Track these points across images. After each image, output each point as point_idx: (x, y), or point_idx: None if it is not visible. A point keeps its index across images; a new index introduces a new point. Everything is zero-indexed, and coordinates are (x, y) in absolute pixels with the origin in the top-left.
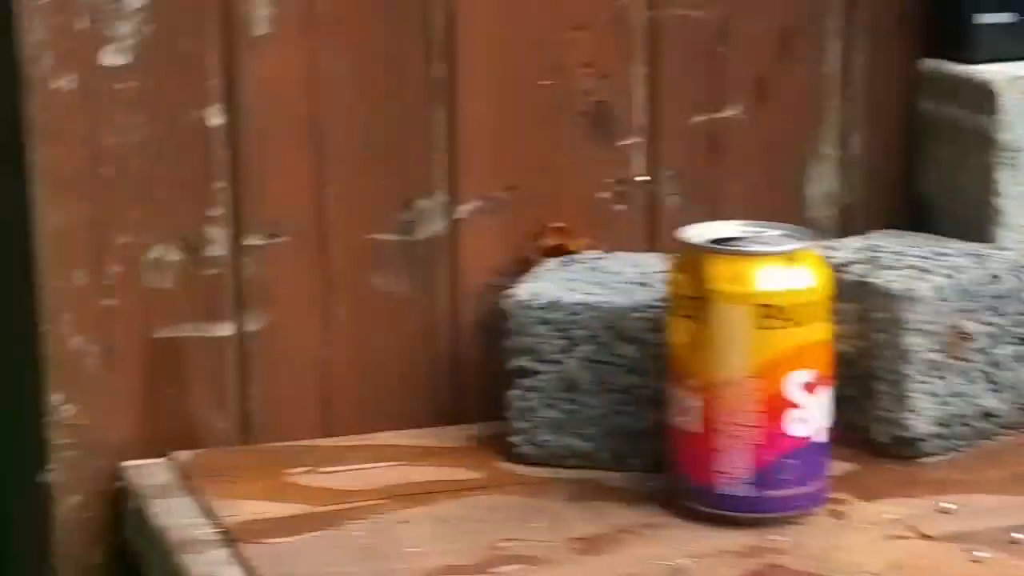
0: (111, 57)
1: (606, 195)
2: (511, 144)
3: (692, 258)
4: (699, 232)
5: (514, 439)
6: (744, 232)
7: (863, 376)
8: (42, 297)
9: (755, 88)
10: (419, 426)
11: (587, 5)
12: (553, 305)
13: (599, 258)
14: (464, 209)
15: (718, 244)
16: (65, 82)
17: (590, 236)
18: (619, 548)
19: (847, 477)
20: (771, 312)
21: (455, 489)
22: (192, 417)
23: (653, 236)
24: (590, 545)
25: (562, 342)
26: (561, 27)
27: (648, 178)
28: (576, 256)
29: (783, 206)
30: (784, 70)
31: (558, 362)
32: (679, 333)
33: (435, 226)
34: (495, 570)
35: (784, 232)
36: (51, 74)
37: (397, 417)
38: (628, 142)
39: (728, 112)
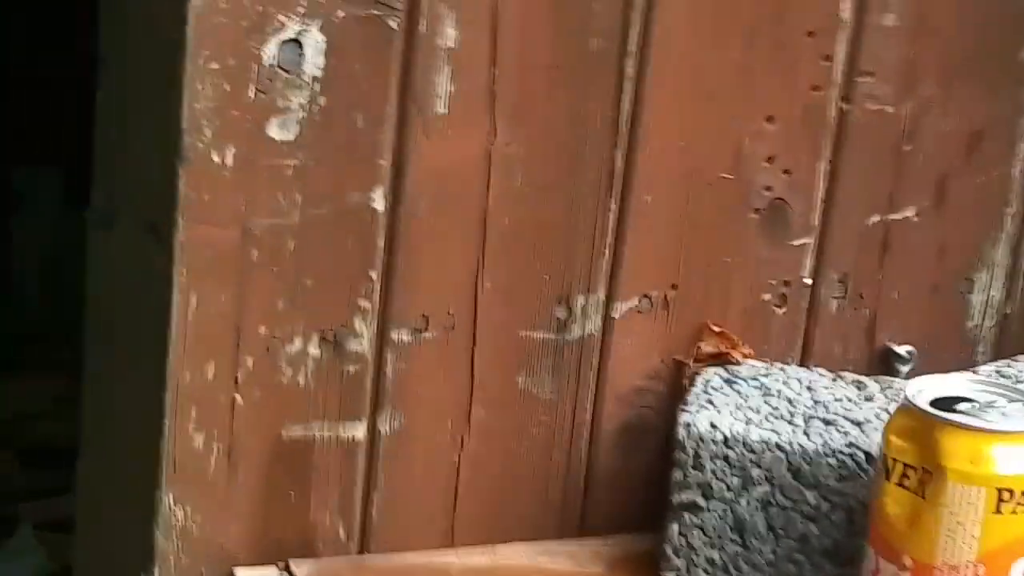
0: (277, 130)
1: (768, 297)
2: (680, 239)
3: (922, 425)
4: (925, 390)
5: (669, 575)
6: (974, 391)
7: None
8: (169, 388)
9: (936, 190)
10: (544, 537)
11: (782, 95)
12: (735, 440)
13: (764, 374)
14: (622, 307)
15: (948, 410)
16: (224, 155)
17: (746, 339)
18: None
19: None
20: (1009, 496)
21: None
22: (310, 522)
23: (809, 340)
24: None
25: (737, 480)
26: (751, 118)
27: (810, 281)
28: (738, 370)
29: (943, 313)
30: (968, 171)
31: (730, 501)
32: (895, 504)
33: (590, 325)
34: None
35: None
36: (211, 145)
37: (521, 526)
38: (800, 242)
39: (904, 213)
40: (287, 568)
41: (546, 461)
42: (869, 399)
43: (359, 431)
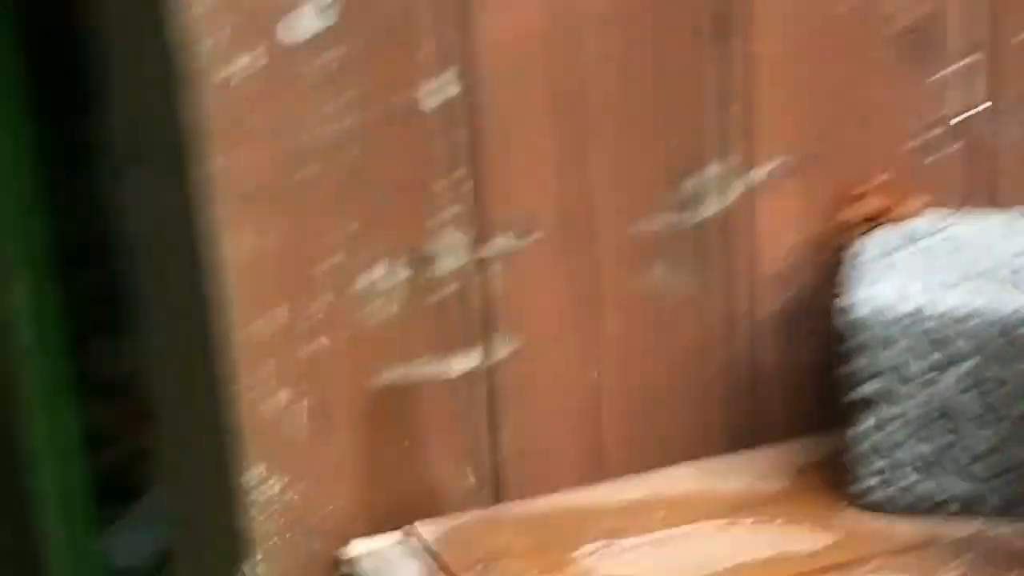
0: (306, 22)
1: (928, 137)
2: (810, 87)
3: None
4: None
5: (870, 481)
6: None
7: None
8: (233, 345)
9: None
10: (711, 454)
11: None
12: (930, 309)
13: (948, 224)
14: (760, 173)
15: None
16: (244, 63)
17: (912, 190)
18: None
19: None
20: None
21: (815, 570)
22: (432, 476)
23: (993, 177)
24: None
25: (939, 356)
26: None
27: (988, 105)
28: (914, 226)
29: None
30: None
31: (933, 382)
32: None
33: (722, 200)
34: None
35: None
36: (225, 54)
37: (682, 445)
38: (955, 67)
39: None
40: (413, 531)
41: (700, 367)
42: None
43: (471, 363)
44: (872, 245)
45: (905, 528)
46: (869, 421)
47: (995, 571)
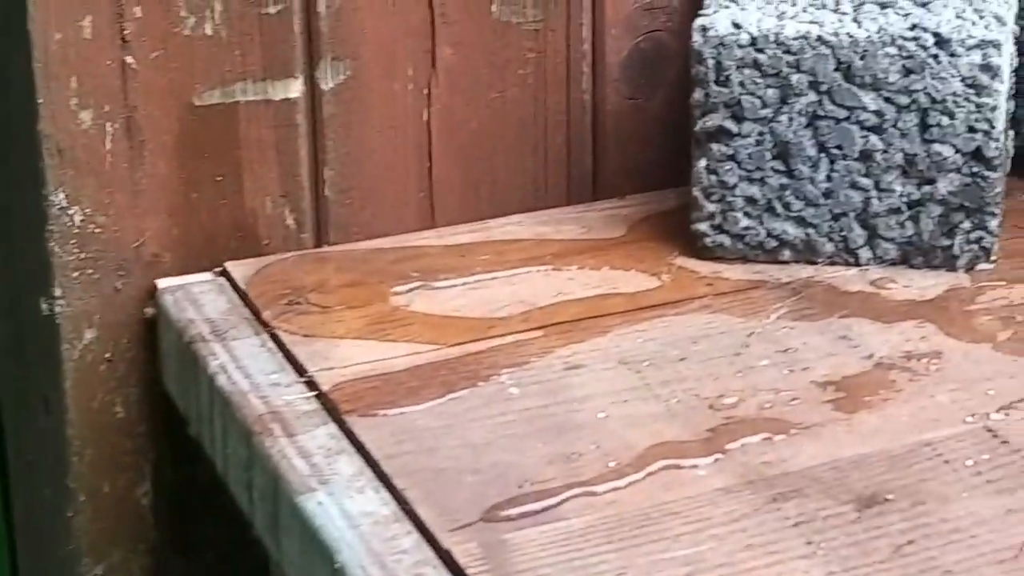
0: None
1: None
2: None
3: None
4: None
5: (700, 226)
6: None
7: None
8: (35, 57)
9: None
10: (550, 207)
11: None
12: (764, 40)
13: None
14: None
15: None
16: None
17: None
18: (894, 395)
19: None
20: None
21: (633, 308)
22: (247, 212)
23: None
24: (849, 394)
25: (773, 92)
26: None
27: None
28: None
29: None
30: None
31: (767, 120)
32: None
33: None
34: (737, 444)
35: None
36: None
37: (518, 195)
38: None
39: None
40: (224, 272)
41: (541, 109)
42: None
43: (294, 90)
44: None
45: (734, 272)
46: (702, 163)
47: (821, 312)
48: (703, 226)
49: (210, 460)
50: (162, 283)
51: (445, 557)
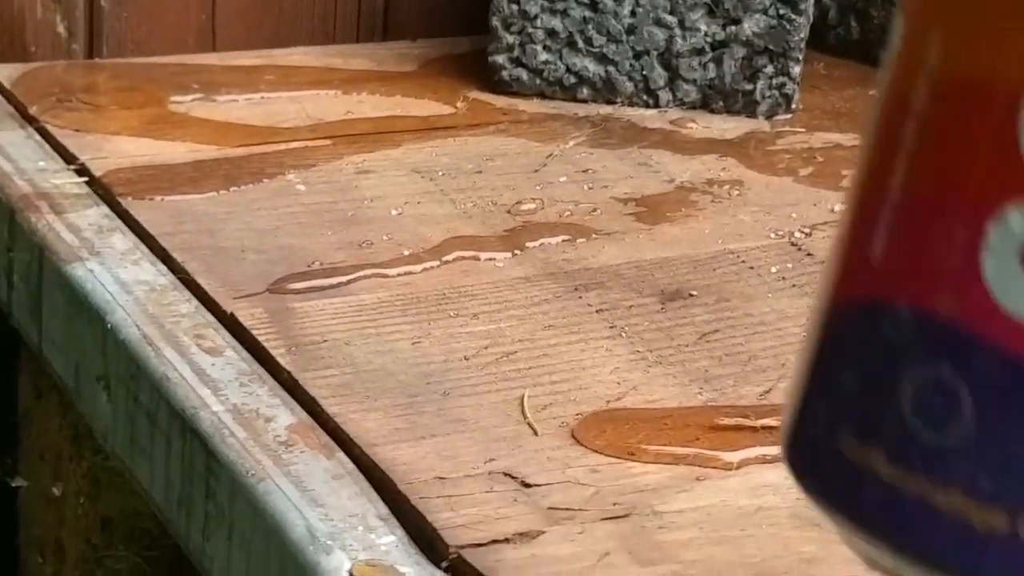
0: None
1: None
2: None
3: None
4: None
5: (498, 58)
6: None
7: None
8: None
9: None
10: (337, 42)
11: None
12: None
13: None
14: None
15: None
16: None
17: None
18: (697, 212)
19: None
20: None
21: (426, 128)
22: (16, 14)
23: None
24: (651, 209)
25: None
26: None
27: None
28: None
29: None
30: None
31: None
32: None
33: None
34: (536, 243)
35: None
36: None
37: (307, 29)
38: None
39: None
40: None
41: None
42: None
43: None
44: None
45: (531, 106)
46: None
47: (620, 142)
48: (500, 58)
49: None
50: None
51: (228, 320)
